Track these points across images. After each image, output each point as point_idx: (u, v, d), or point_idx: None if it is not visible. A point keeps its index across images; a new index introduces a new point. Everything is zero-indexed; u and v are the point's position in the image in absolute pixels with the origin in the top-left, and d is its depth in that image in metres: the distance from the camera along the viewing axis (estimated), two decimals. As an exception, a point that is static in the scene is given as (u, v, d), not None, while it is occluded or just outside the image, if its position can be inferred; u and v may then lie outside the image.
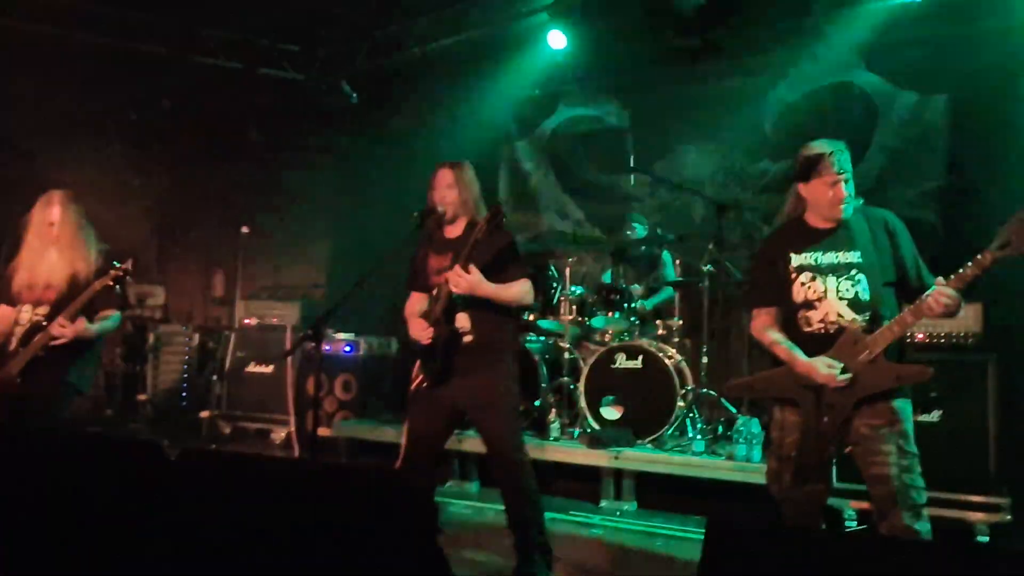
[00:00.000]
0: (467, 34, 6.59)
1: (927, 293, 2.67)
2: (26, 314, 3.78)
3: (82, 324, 3.68)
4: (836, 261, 2.89)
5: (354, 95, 7.53)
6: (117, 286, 3.75)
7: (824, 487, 2.94)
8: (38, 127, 7.18)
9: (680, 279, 5.86)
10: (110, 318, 3.84)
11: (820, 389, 2.82)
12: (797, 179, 2.98)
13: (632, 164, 6.30)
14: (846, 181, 2.88)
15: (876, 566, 1.60)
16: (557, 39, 6.42)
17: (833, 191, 2.88)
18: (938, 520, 3.08)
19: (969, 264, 2.61)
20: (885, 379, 2.76)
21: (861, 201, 2.96)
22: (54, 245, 3.83)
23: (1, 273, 3.92)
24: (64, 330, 3.63)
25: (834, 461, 2.98)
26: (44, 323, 3.70)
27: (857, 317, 2.82)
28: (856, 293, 2.85)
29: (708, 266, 5.56)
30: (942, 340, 4.42)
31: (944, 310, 2.65)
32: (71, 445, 2.68)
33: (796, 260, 2.96)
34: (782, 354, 2.92)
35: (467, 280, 3.21)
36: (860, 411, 2.79)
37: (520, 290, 3.40)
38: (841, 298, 2.86)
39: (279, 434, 6.64)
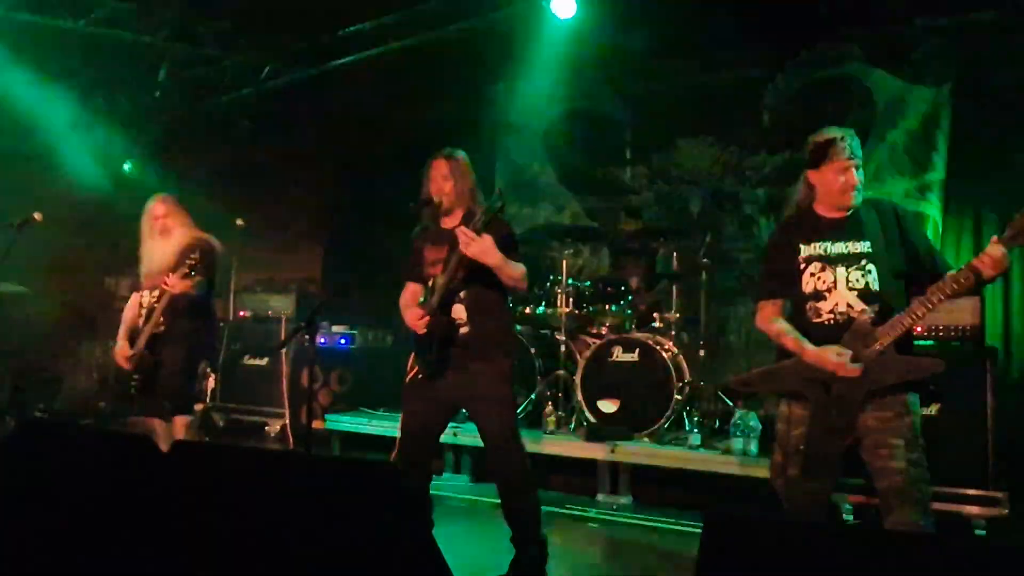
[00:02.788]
0: (465, 24, 6.53)
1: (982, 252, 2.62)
2: (147, 297, 4.51)
3: (188, 281, 4.25)
4: (846, 251, 2.86)
5: (348, 88, 7.49)
6: (191, 272, 4.28)
7: (830, 481, 2.92)
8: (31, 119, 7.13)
9: (677, 272, 5.84)
10: (200, 283, 4.39)
11: (828, 382, 2.78)
12: (807, 166, 2.94)
13: (629, 156, 6.29)
14: (857, 167, 2.85)
15: (876, 559, 1.58)
16: (565, 6, 6.06)
17: (844, 178, 2.84)
18: (935, 514, 3.06)
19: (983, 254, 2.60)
20: (896, 372, 2.72)
21: (870, 192, 2.94)
22: (162, 236, 4.51)
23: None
24: (174, 282, 4.23)
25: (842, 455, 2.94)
26: (156, 304, 4.38)
27: (867, 308, 2.79)
28: (866, 283, 2.82)
29: (705, 259, 5.54)
30: (940, 333, 4.40)
31: (1002, 267, 2.60)
32: (64, 438, 2.66)
33: (805, 250, 2.92)
34: (790, 344, 2.89)
35: (478, 243, 3.16)
36: (868, 404, 2.76)
37: (521, 272, 3.36)
38: (851, 288, 2.83)
39: (274, 427, 6.62)
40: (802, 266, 2.92)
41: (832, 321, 2.84)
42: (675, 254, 5.94)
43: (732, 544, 1.67)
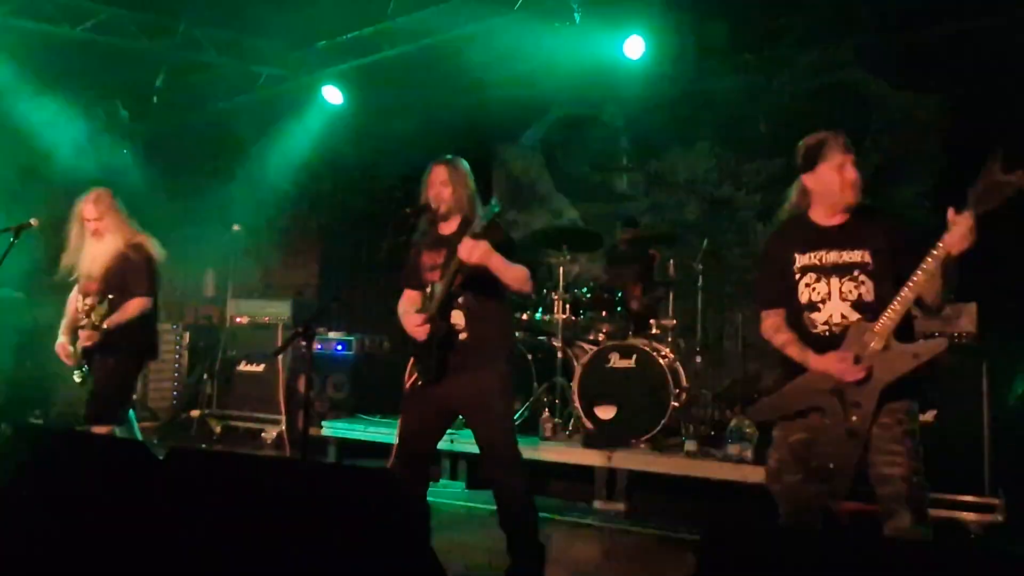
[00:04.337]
0: (461, 31, 6.55)
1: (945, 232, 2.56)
2: (82, 304, 4.33)
3: (95, 333, 4.14)
4: (840, 261, 2.82)
5: (343, 93, 7.49)
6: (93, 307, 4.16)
7: (827, 488, 2.89)
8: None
9: (674, 278, 5.84)
10: (127, 309, 4.23)
11: (842, 391, 2.73)
12: (801, 171, 2.90)
13: (626, 163, 6.30)
14: (854, 163, 2.79)
15: (873, 566, 1.58)
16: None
17: (842, 174, 2.79)
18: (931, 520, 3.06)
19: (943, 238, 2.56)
20: (903, 362, 2.67)
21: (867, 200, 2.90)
22: (94, 239, 4.33)
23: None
24: (86, 343, 4.19)
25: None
26: (84, 318, 4.23)
27: (862, 319, 2.74)
28: (860, 294, 2.78)
29: (702, 265, 5.55)
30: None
31: (969, 242, 2.53)
32: (59, 444, 2.65)
33: (800, 260, 2.89)
34: (795, 354, 2.85)
35: (480, 248, 3.15)
36: (878, 408, 2.71)
37: (524, 273, 3.35)
38: (844, 299, 2.79)
39: (270, 433, 6.60)
40: (797, 276, 2.88)
41: (828, 332, 2.80)
42: (672, 260, 5.95)
43: (729, 551, 1.67)
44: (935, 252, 2.60)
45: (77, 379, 4.36)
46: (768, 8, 6.28)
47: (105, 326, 4.15)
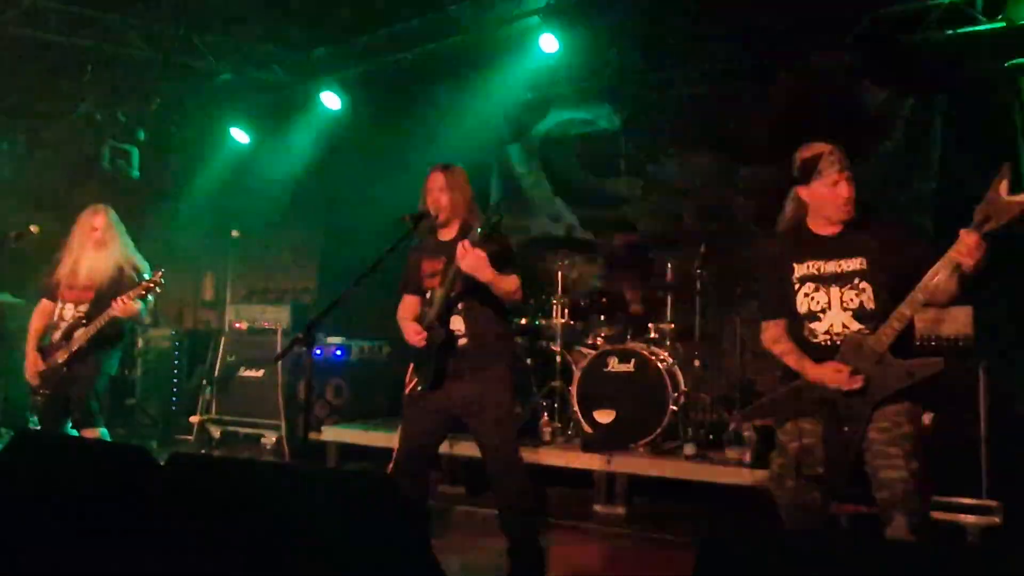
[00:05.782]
0: (459, 37, 6.57)
1: (956, 244, 2.55)
2: (69, 311, 4.37)
3: (139, 305, 4.25)
4: (839, 270, 2.82)
5: (341, 101, 7.51)
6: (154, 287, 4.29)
7: (835, 492, 2.88)
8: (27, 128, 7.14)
9: (672, 282, 5.86)
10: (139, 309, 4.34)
11: (835, 402, 2.74)
12: (796, 182, 2.90)
13: (624, 167, 6.31)
14: (848, 180, 2.80)
15: (871, 570, 1.59)
16: (549, 43, 6.40)
17: (835, 191, 2.79)
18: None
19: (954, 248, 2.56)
20: (897, 378, 2.68)
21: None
22: (96, 249, 4.41)
23: (47, 273, 4.54)
24: (127, 306, 4.18)
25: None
26: (84, 321, 4.29)
27: (863, 327, 2.75)
28: (861, 303, 2.77)
29: (700, 269, 5.56)
30: (933, 343, 4.42)
31: (978, 254, 2.51)
32: (59, 450, 2.65)
33: (799, 270, 2.89)
34: (792, 363, 2.86)
35: (473, 256, 3.18)
36: (872, 416, 2.72)
37: (515, 283, 3.37)
38: (845, 309, 2.79)
39: (269, 438, 6.60)
40: (796, 286, 2.88)
41: (828, 342, 2.80)
42: (670, 264, 5.96)
43: (727, 555, 1.68)
44: (937, 270, 2.60)
45: (39, 397, 4.34)
46: (765, 12, 6.30)
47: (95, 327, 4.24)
